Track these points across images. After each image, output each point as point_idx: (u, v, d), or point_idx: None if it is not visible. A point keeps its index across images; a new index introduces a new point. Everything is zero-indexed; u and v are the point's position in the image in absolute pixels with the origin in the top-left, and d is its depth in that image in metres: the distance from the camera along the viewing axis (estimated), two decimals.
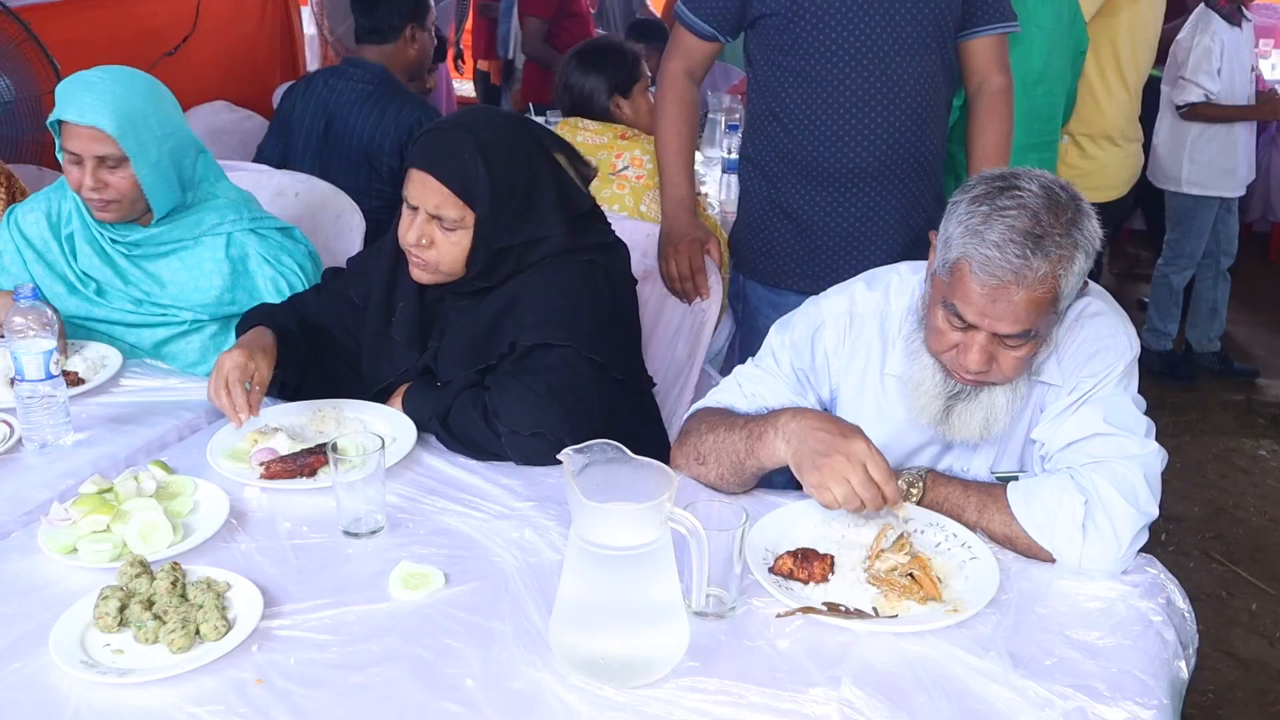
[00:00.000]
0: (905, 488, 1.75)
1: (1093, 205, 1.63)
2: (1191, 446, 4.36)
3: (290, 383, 2.13)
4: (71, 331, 2.32)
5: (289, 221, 2.53)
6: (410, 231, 1.98)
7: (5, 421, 1.99)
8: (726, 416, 1.82)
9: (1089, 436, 1.67)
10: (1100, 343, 1.72)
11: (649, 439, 2.14)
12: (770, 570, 1.59)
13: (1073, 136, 3.76)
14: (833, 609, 1.51)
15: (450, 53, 6.82)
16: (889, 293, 1.85)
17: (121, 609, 1.45)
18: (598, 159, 3.15)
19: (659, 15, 6.33)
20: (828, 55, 2.34)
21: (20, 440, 1.95)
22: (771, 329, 1.94)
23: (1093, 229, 1.59)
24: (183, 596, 1.48)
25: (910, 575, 1.55)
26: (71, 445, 1.96)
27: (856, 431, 1.63)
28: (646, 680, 1.37)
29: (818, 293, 1.93)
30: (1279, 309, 5.79)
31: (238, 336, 2.16)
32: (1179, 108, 4.64)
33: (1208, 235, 4.79)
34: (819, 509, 1.71)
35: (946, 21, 2.41)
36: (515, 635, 1.47)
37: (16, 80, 3.60)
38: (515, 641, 1.46)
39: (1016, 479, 1.73)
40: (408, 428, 1.99)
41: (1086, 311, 1.75)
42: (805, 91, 2.40)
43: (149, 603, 1.46)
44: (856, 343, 1.86)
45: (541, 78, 5.66)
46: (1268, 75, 6.03)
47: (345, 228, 2.97)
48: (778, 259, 2.55)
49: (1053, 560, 1.63)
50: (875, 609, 1.51)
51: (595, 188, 2.29)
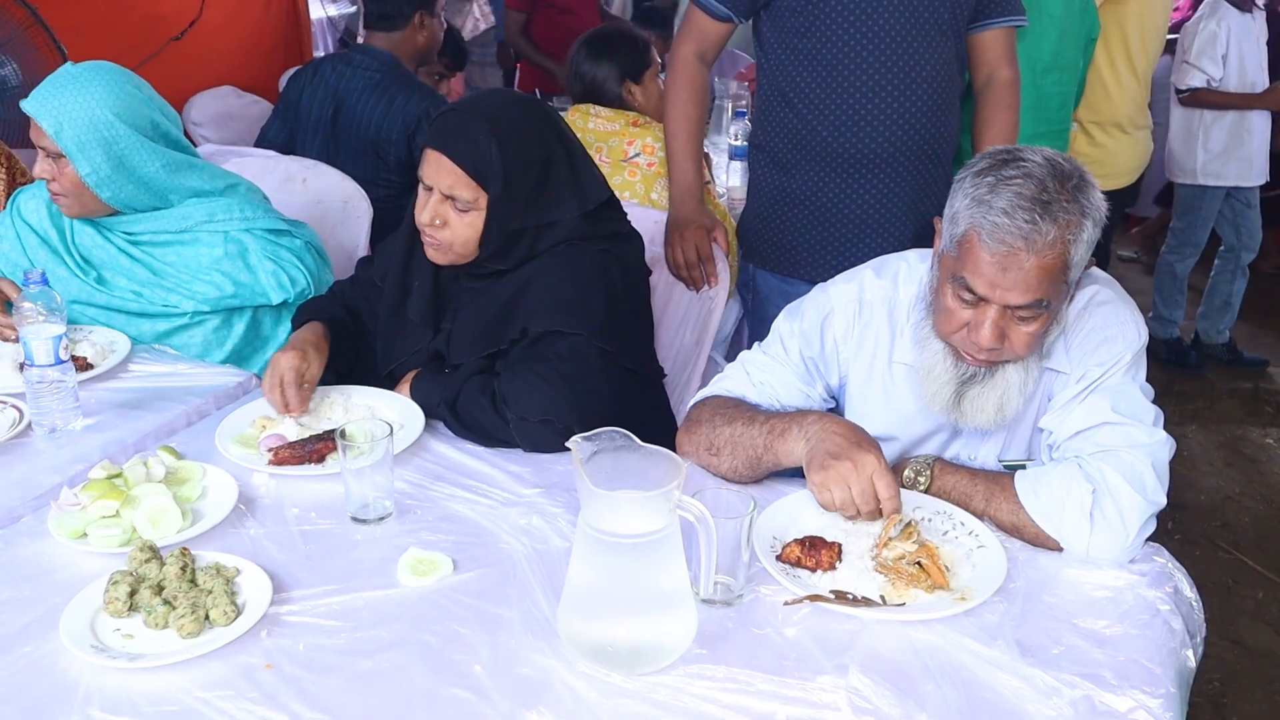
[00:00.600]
0: (913, 476, 1.75)
1: (1101, 193, 1.63)
2: (1198, 435, 4.36)
3: (344, 370, 2.15)
4: (74, 317, 2.31)
5: (298, 207, 2.53)
6: (425, 211, 1.98)
7: (15, 406, 1.99)
8: (744, 410, 1.82)
9: (1097, 425, 1.67)
10: (1108, 331, 1.72)
11: (658, 429, 2.14)
12: (778, 558, 1.59)
13: (1081, 124, 3.75)
14: (840, 597, 1.51)
15: None
16: (897, 280, 1.85)
17: (131, 594, 1.46)
18: (609, 146, 3.15)
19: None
20: (844, 38, 2.33)
21: (30, 425, 1.95)
22: (780, 316, 1.94)
23: (1098, 199, 1.60)
24: (192, 582, 1.49)
25: (918, 563, 1.55)
26: (81, 430, 1.97)
27: (873, 445, 1.63)
28: (654, 667, 1.38)
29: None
30: None
31: (293, 329, 2.20)
32: (1180, 92, 4.62)
33: (1212, 224, 4.77)
34: None
35: (961, 9, 2.40)
36: (523, 622, 1.47)
37: (24, 65, 3.59)
38: (523, 628, 1.46)
39: (1024, 468, 1.73)
40: (416, 414, 1.99)
41: (1095, 300, 1.75)
42: (820, 75, 2.38)
43: (159, 588, 1.47)
44: (865, 330, 1.86)
45: (527, 70, 5.62)
46: None
47: (353, 214, 2.97)
48: (789, 247, 2.54)
49: (1060, 549, 1.63)
50: (883, 597, 1.52)
51: (606, 175, 2.29)
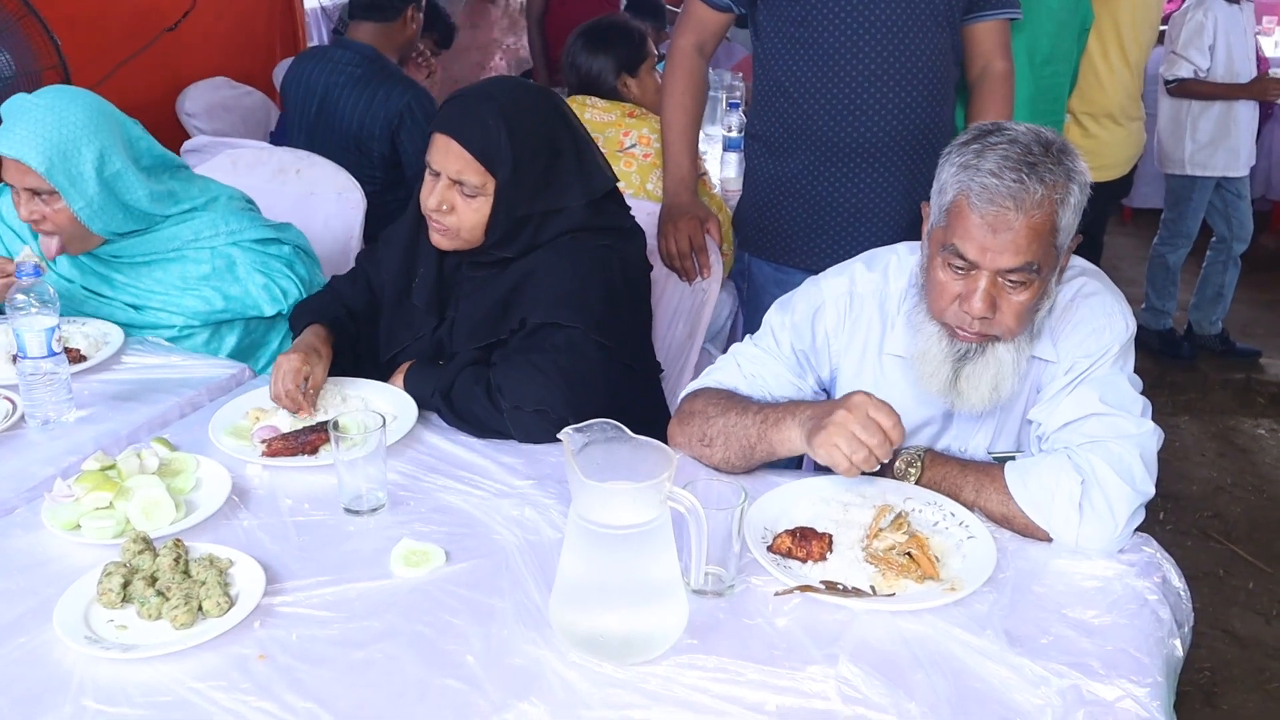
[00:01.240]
0: (904, 467, 1.76)
1: (1093, 184, 1.64)
2: (1191, 425, 4.37)
3: (347, 368, 2.15)
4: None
5: (291, 198, 2.52)
6: (431, 196, 1.99)
7: (8, 398, 2.00)
8: (736, 401, 1.83)
9: (1085, 416, 1.68)
10: (1096, 322, 1.72)
11: (654, 426, 2.13)
12: (769, 549, 1.60)
13: (1074, 115, 3.75)
14: (831, 587, 1.52)
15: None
16: (888, 273, 1.86)
17: (125, 585, 1.47)
18: (605, 136, 3.16)
19: None
20: (840, 27, 2.33)
21: (23, 417, 1.96)
22: (771, 309, 1.94)
23: (1083, 167, 1.62)
24: (185, 573, 1.49)
25: (908, 554, 1.56)
26: (74, 422, 1.97)
27: (858, 391, 1.63)
28: (645, 657, 1.39)
29: (824, 269, 1.94)
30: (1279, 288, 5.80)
31: (291, 331, 2.21)
32: (1168, 83, 4.63)
33: (1202, 214, 4.79)
34: (818, 488, 1.73)
35: (956, 1, 2.40)
36: (515, 612, 1.48)
37: (16, 56, 3.58)
38: (515, 618, 1.47)
39: (1014, 459, 1.74)
40: (409, 406, 2.00)
41: (1083, 291, 1.75)
42: (816, 64, 2.38)
43: (152, 579, 1.47)
44: (856, 323, 1.86)
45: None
46: (1270, 53, 6.01)
47: (346, 205, 2.97)
48: (784, 236, 2.54)
49: (1049, 539, 1.64)
50: (873, 587, 1.52)
51: None
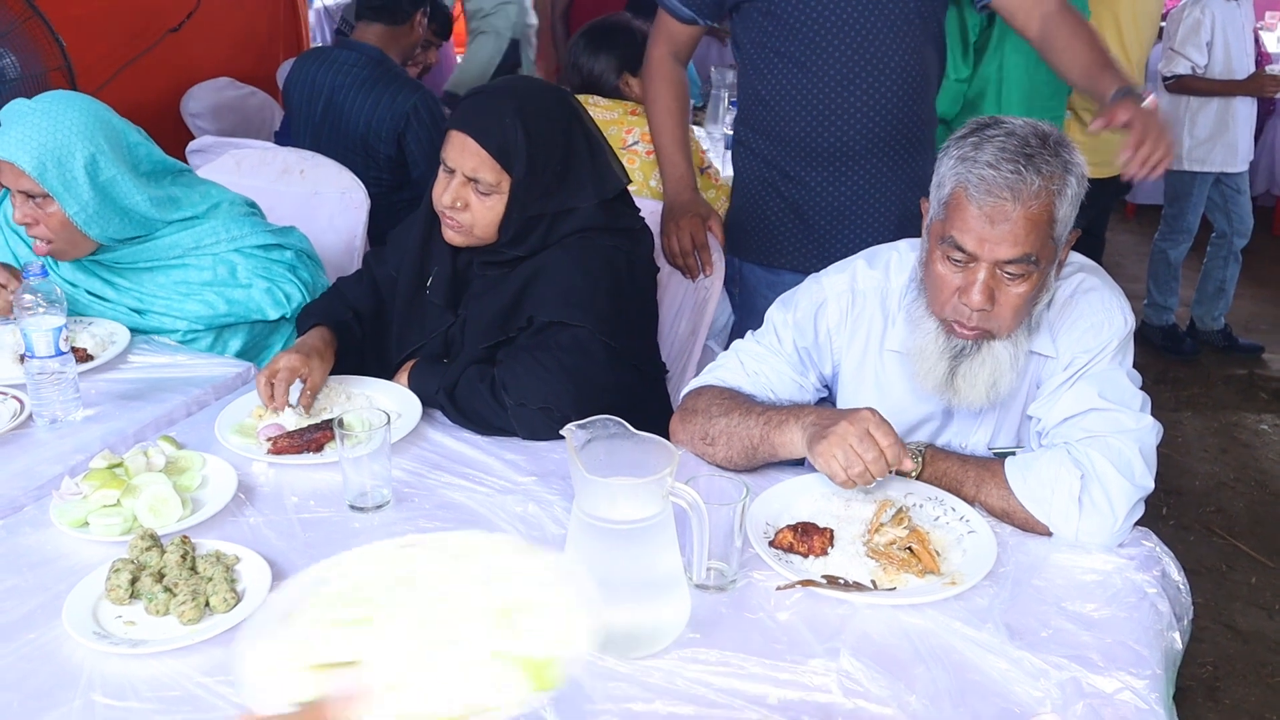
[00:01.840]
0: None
1: (1095, 180, 1.65)
2: (1193, 421, 4.38)
3: (354, 371, 2.16)
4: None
5: (295, 198, 2.52)
6: (446, 193, 2.00)
7: (16, 397, 2.01)
8: (740, 401, 1.84)
9: (1084, 412, 1.69)
10: (1094, 318, 1.73)
11: (658, 425, 2.14)
12: (771, 544, 1.61)
13: (1075, 111, 3.75)
14: (832, 582, 1.53)
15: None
16: (889, 270, 1.87)
17: (133, 581, 1.48)
18: (608, 135, 3.16)
19: None
20: (810, 34, 2.33)
21: (31, 416, 1.97)
22: (773, 306, 1.95)
23: (1080, 159, 1.64)
24: (192, 569, 1.51)
25: (909, 549, 1.58)
26: (81, 421, 1.98)
27: (866, 407, 1.64)
28: (648, 651, 1.40)
29: (815, 271, 1.95)
30: None
31: (298, 332, 2.22)
32: (1165, 79, 4.64)
33: (1202, 209, 4.80)
34: (820, 483, 1.73)
35: None
36: None
37: (22, 58, 3.60)
38: None
39: (1014, 454, 1.75)
40: (413, 404, 2.01)
41: (1081, 287, 1.76)
42: (790, 72, 2.39)
43: (159, 575, 1.49)
44: (858, 320, 1.87)
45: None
46: (1271, 48, 6.00)
47: (350, 204, 2.98)
48: (774, 239, 2.55)
49: (1049, 534, 1.65)
50: (874, 582, 1.54)
51: None
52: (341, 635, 0.90)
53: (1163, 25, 4.62)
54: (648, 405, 2.18)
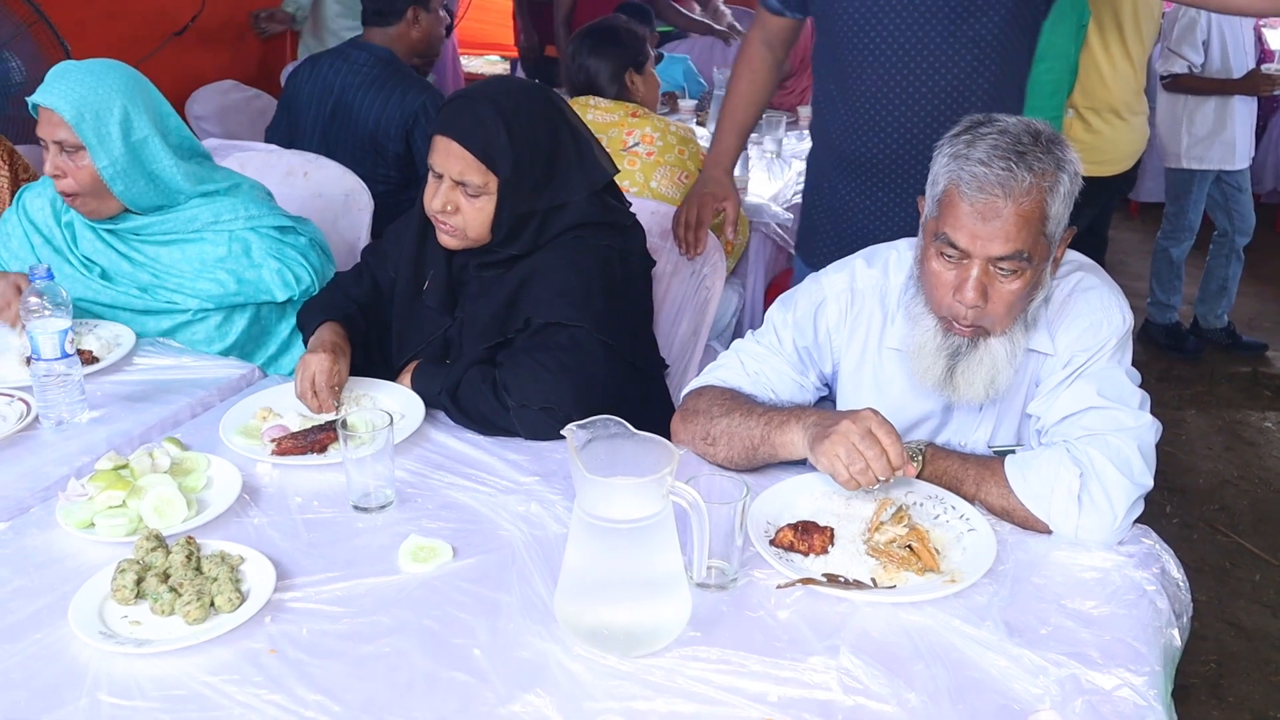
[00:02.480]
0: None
1: (1096, 179, 1.65)
2: (1197, 419, 4.38)
3: (357, 364, 2.17)
4: (78, 315, 2.33)
5: (299, 200, 2.55)
6: (435, 199, 2.01)
7: (22, 399, 2.02)
8: (741, 401, 1.85)
9: (1083, 410, 1.69)
10: (1093, 316, 1.74)
11: (659, 423, 2.15)
12: (771, 542, 1.61)
13: (1078, 110, 3.76)
14: (832, 580, 1.54)
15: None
16: (888, 268, 1.88)
17: (138, 582, 1.49)
18: (609, 136, 3.19)
19: None
20: (854, 45, 2.33)
21: (37, 418, 1.98)
22: (773, 306, 1.96)
23: (1073, 157, 1.64)
24: (197, 569, 1.52)
25: (909, 547, 1.58)
26: (87, 422, 1.99)
27: (868, 407, 1.65)
28: (649, 650, 1.41)
29: None
30: None
31: (300, 327, 2.24)
32: (1163, 78, 4.65)
33: (1203, 207, 4.80)
34: (820, 482, 1.74)
35: (990, 7, 2.24)
36: (521, 606, 1.50)
37: (28, 62, 3.62)
38: (521, 612, 1.49)
39: (1013, 453, 1.76)
40: (416, 404, 2.02)
41: (1080, 286, 1.77)
42: (836, 78, 2.40)
43: (165, 575, 1.50)
44: (858, 318, 1.88)
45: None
46: (1275, 45, 6.00)
47: (354, 207, 3.00)
48: (814, 237, 2.59)
49: (1049, 532, 1.65)
50: (874, 580, 1.54)
51: None
52: None
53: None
54: (649, 403, 2.19)
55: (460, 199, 2.00)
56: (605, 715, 1.31)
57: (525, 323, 2.03)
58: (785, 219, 3.61)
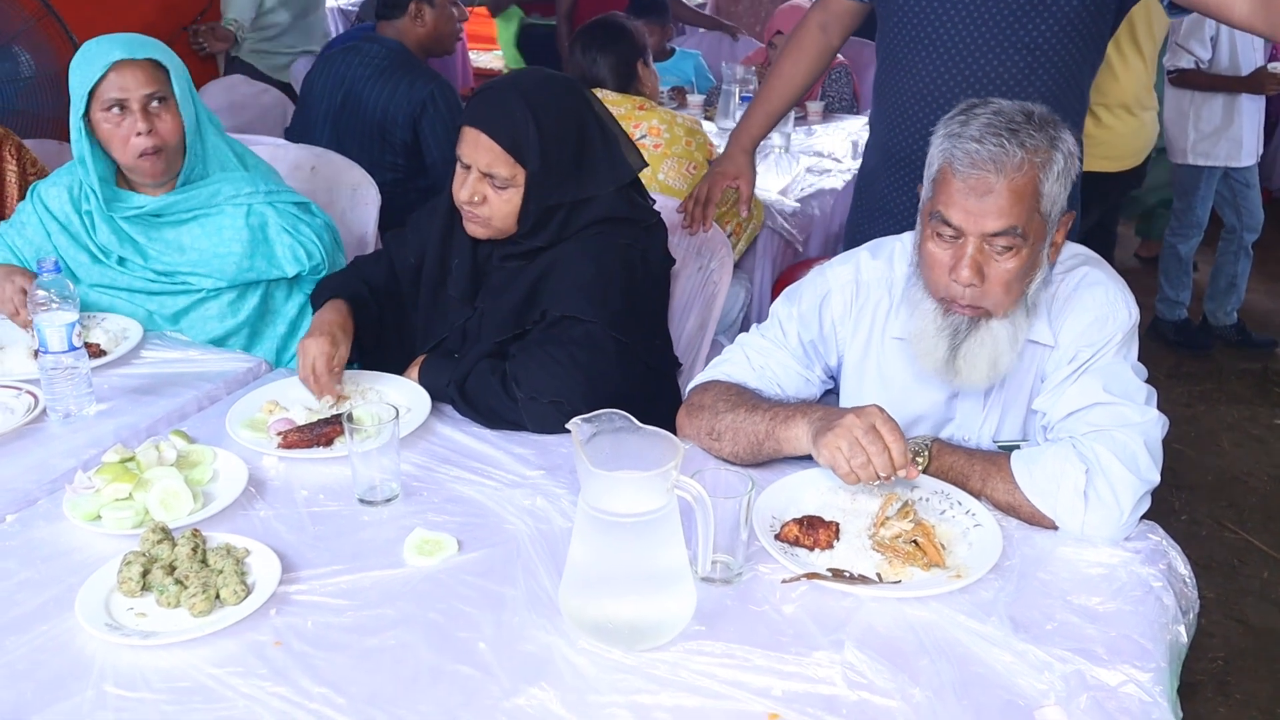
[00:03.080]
0: (911, 455, 1.77)
1: (1107, 175, 1.65)
2: (1206, 416, 4.36)
3: (368, 347, 2.18)
4: (95, 298, 2.37)
5: (306, 194, 2.56)
6: (464, 189, 2.02)
7: (29, 392, 2.03)
8: (746, 397, 1.84)
9: (1089, 406, 1.69)
10: (1098, 311, 1.73)
11: (667, 420, 2.15)
12: (776, 537, 1.61)
13: (1089, 105, 3.75)
14: (837, 575, 1.53)
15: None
16: (892, 260, 1.88)
17: (144, 574, 1.49)
18: None
19: None
20: (905, 40, 2.31)
21: (44, 411, 1.99)
22: (778, 300, 1.96)
23: (1069, 138, 1.65)
24: (203, 562, 1.52)
25: (914, 542, 1.58)
26: (94, 415, 2.00)
27: (873, 404, 1.65)
28: (654, 643, 1.41)
29: None
30: None
31: (312, 306, 2.24)
32: (1170, 73, 4.63)
33: (1211, 203, 4.78)
34: (825, 477, 1.73)
35: (1047, 13, 2.18)
36: (526, 600, 1.50)
37: (36, 56, 3.63)
38: (526, 606, 1.49)
39: (1019, 448, 1.75)
40: (422, 398, 2.02)
41: (1085, 280, 1.76)
42: (888, 71, 2.38)
43: (170, 568, 1.50)
44: (862, 310, 1.88)
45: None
46: None
47: (361, 201, 3.00)
48: (857, 239, 2.56)
49: (1055, 527, 1.65)
50: (879, 575, 1.54)
51: None
52: None
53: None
54: (659, 400, 2.18)
55: (488, 190, 2.01)
56: (609, 709, 1.32)
57: (541, 315, 2.03)
58: (793, 209, 3.61)
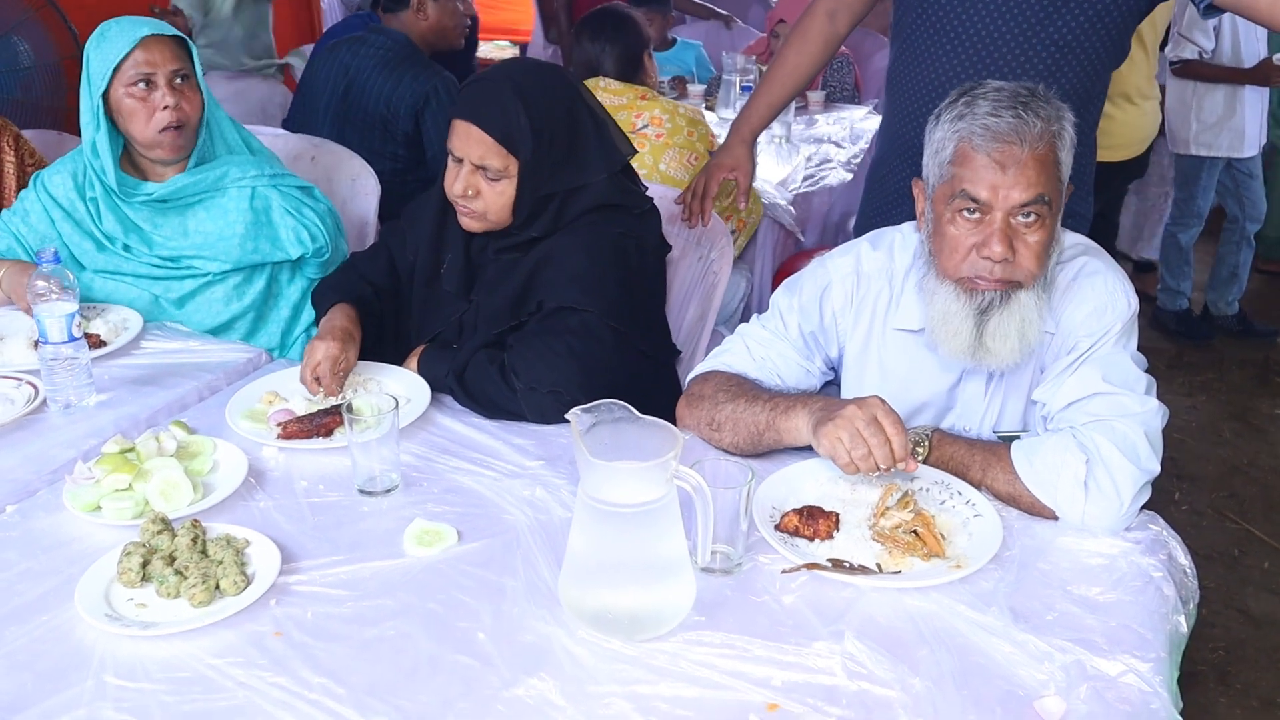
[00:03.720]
0: (911, 446, 1.76)
1: (1108, 164, 1.65)
2: (1207, 406, 4.36)
3: (371, 346, 2.17)
4: (100, 285, 2.38)
5: None
6: (456, 183, 2.01)
7: (29, 383, 2.03)
8: (746, 387, 1.84)
9: (1089, 396, 1.68)
10: (1098, 300, 1.73)
11: (666, 409, 2.15)
12: (776, 527, 1.61)
13: None
14: (837, 565, 1.53)
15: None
16: (893, 250, 1.87)
17: (144, 564, 1.50)
18: (618, 119, 3.18)
19: None
20: (925, 31, 2.27)
21: (44, 401, 1.99)
22: (778, 291, 1.96)
23: (1069, 113, 1.68)
24: (203, 553, 1.52)
25: (914, 532, 1.58)
26: (94, 406, 2.00)
27: (875, 395, 1.64)
28: (653, 634, 1.41)
29: None
30: None
31: (314, 306, 2.24)
32: (1172, 64, 4.61)
33: (1212, 193, 4.77)
34: (826, 467, 1.73)
35: (1076, 8, 2.14)
36: (526, 590, 1.50)
37: (35, 46, 3.62)
38: (526, 596, 1.49)
39: (1019, 438, 1.75)
40: (422, 389, 2.02)
41: (1085, 270, 1.76)
42: (905, 60, 2.35)
43: (170, 558, 1.50)
44: (863, 301, 1.88)
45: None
46: None
47: (361, 191, 2.99)
48: (876, 227, 2.55)
49: (1055, 518, 1.65)
50: (879, 565, 1.54)
51: None
52: None
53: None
54: (658, 389, 2.18)
55: (481, 183, 2.00)
56: (609, 699, 1.32)
57: (538, 306, 2.03)
58: (793, 199, 3.61)
